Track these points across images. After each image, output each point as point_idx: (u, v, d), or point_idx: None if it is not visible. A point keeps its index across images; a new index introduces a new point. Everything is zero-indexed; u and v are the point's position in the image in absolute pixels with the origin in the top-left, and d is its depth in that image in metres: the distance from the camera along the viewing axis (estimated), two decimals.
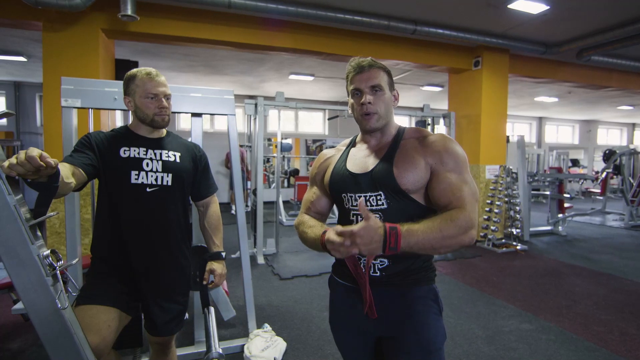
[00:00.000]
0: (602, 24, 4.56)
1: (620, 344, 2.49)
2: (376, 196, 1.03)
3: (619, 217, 7.59)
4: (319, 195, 1.22)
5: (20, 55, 5.76)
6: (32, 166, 0.86)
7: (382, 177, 1.03)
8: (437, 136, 1.07)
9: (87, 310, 1.21)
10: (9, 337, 2.50)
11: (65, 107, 1.97)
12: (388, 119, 1.10)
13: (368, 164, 1.08)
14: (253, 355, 2.20)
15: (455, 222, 0.92)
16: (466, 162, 1.05)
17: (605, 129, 14.68)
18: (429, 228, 0.90)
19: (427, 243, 0.90)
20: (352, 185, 1.08)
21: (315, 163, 1.27)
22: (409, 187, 1.01)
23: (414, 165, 1.02)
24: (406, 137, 1.10)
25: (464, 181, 1.00)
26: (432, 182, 1.02)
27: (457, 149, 1.04)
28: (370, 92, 1.06)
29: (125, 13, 3.44)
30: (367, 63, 1.07)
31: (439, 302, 1.08)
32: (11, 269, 0.89)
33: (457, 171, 1.01)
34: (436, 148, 1.03)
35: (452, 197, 0.98)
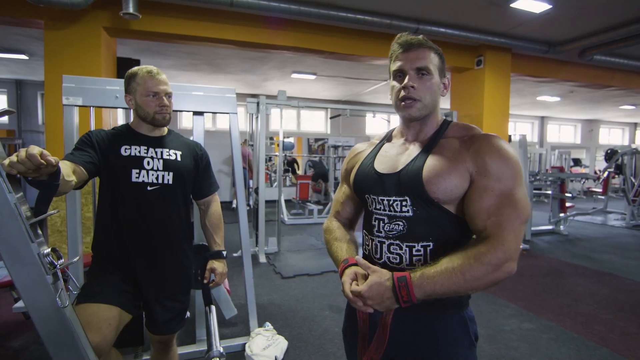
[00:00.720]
0: (605, 23, 4.54)
1: (621, 343, 2.49)
2: (401, 201, 0.90)
3: (620, 217, 7.56)
4: (348, 196, 1.11)
5: (22, 53, 5.76)
6: (32, 164, 0.86)
7: (410, 181, 0.88)
8: (484, 137, 0.87)
9: (88, 309, 1.21)
10: (11, 335, 2.51)
11: (67, 105, 1.97)
12: (432, 109, 0.93)
13: (398, 163, 0.94)
14: (254, 353, 2.20)
15: (482, 261, 0.77)
16: (519, 173, 0.83)
17: (608, 129, 14.63)
18: (448, 272, 0.77)
19: (447, 289, 0.77)
20: (377, 186, 0.95)
21: (346, 158, 1.13)
22: (439, 197, 0.85)
23: (449, 171, 0.85)
24: (449, 134, 0.93)
25: (510, 200, 0.81)
26: (469, 195, 0.84)
27: (508, 154, 0.83)
28: (415, 74, 0.89)
29: (127, 11, 3.44)
30: (416, 41, 0.91)
31: (470, 332, 0.91)
32: (12, 267, 0.89)
33: (503, 185, 0.81)
34: (480, 152, 0.84)
35: (489, 220, 0.80)
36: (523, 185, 0.84)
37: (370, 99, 9.87)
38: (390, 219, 0.91)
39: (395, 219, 0.90)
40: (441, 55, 0.94)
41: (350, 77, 7.43)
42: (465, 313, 0.92)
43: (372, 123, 10.50)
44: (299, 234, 5.83)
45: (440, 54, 0.94)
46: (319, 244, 5.14)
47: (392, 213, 0.91)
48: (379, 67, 6.30)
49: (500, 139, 0.86)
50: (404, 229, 0.89)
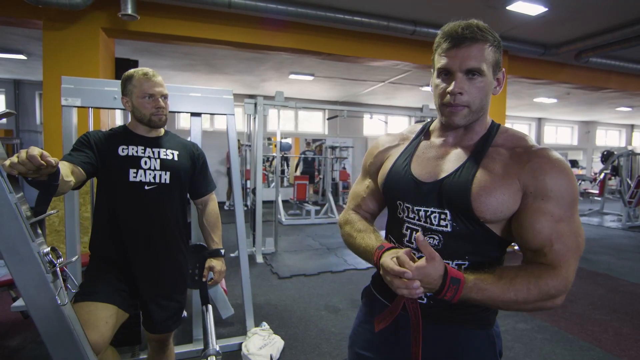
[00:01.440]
0: (601, 26, 4.58)
1: (614, 344, 2.52)
2: (440, 214, 0.81)
3: (616, 218, 7.62)
4: (372, 191, 0.99)
5: (20, 53, 5.76)
6: (33, 165, 0.87)
7: (454, 194, 0.79)
8: (543, 153, 0.77)
9: (86, 307, 1.23)
10: (8, 335, 2.52)
11: (66, 106, 1.98)
12: (481, 113, 0.82)
13: (439, 170, 0.83)
14: (251, 353, 2.21)
15: (541, 288, 0.71)
16: (577, 198, 0.77)
17: (604, 130, 14.71)
18: (502, 289, 0.71)
19: (492, 303, 0.73)
20: (414, 195, 0.84)
21: (372, 150, 1.01)
22: (486, 216, 0.77)
23: (502, 189, 0.76)
24: (498, 142, 0.82)
25: (570, 228, 0.74)
26: (523, 217, 0.76)
27: (568, 174, 0.75)
28: (465, 76, 0.77)
29: (126, 12, 3.45)
30: (469, 33, 0.77)
31: (496, 349, 0.86)
32: (12, 266, 0.91)
33: (562, 209, 0.74)
34: (539, 170, 0.75)
35: (548, 247, 0.74)
36: (578, 210, 0.77)
37: (367, 100, 9.91)
38: (425, 232, 0.83)
39: (430, 232, 0.82)
40: (498, 45, 0.80)
41: (348, 78, 7.46)
42: (492, 330, 0.86)
43: (369, 124, 10.54)
44: (296, 234, 5.84)
45: (497, 44, 0.80)
46: (316, 244, 5.16)
47: (428, 225, 0.83)
48: (377, 69, 6.33)
49: (559, 155, 0.78)
50: (439, 244, 0.82)
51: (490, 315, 0.87)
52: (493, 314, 0.88)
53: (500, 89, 0.84)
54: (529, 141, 0.83)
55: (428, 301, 0.84)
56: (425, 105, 5.36)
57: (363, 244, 0.89)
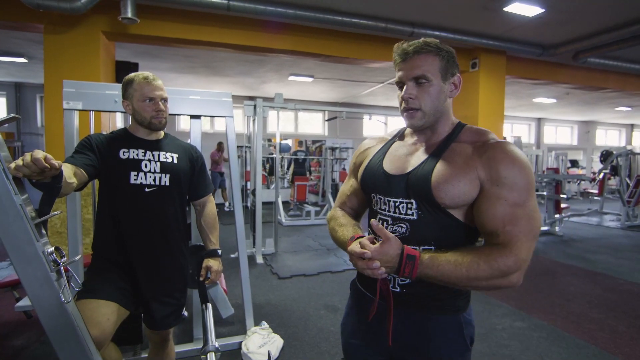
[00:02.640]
0: (598, 26, 4.61)
1: (610, 341, 2.54)
2: (407, 204, 0.89)
3: (615, 218, 7.64)
4: (355, 190, 1.09)
5: (21, 56, 5.81)
6: (37, 168, 0.91)
7: (417, 185, 0.87)
8: (498, 144, 0.85)
9: (88, 304, 1.26)
10: (13, 334, 2.55)
11: (67, 109, 2.02)
12: (437, 115, 0.91)
13: (407, 165, 0.93)
14: (250, 351, 2.25)
15: (491, 264, 0.78)
16: (532, 184, 0.82)
17: (604, 130, 14.73)
18: (455, 265, 0.78)
19: (447, 280, 0.79)
20: (384, 187, 0.94)
21: (355, 152, 1.12)
22: (446, 202, 0.85)
23: (459, 177, 0.84)
24: (462, 139, 0.91)
25: (524, 212, 0.80)
26: (481, 202, 0.83)
27: (522, 162, 0.82)
28: (414, 84, 0.88)
29: (126, 16, 3.49)
30: (412, 48, 0.87)
31: (465, 335, 0.91)
32: (18, 265, 0.94)
33: (515, 195, 0.81)
34: (493, 160, 0.83)
35: (502, 229, 0.80)
36: (534, 196, 0.84)
37: (367, 101, 9.94)
38: (394, 221, 0.91)
39: (399, 221, 0.90)
40: (446, 55, 0.89)
41: (347, 79, 7.50)
42: (462, 316, 0.92)
43: (369, 125, 10.57)
44: (296, 235, 5.88)
45: (445, 55, 0.89)
46: (315, 245, 5.19)
47: (397, 215, 0.91)
48: (376, 70, 6.36)
49: (514, 147, 0.85)
50: (407, 232, 0.89)
51: (459, 302, 0.92)
52: (463, 300, 0.93)
53: (457, 92, 0.93)
54: (489, 135, 0.91)
55: (401, 289, 0.91)
56: None
57: (342, 236, 0.98)
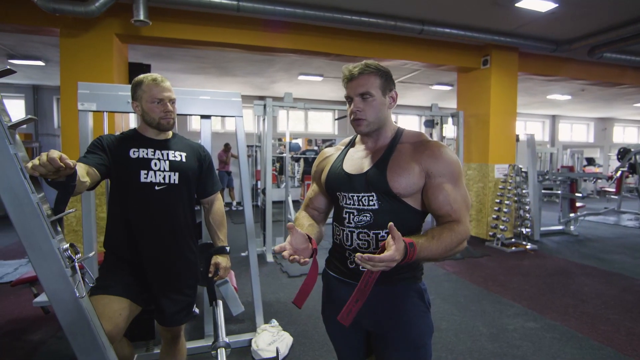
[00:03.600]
0: (613, 20, 4.50)
1: (627, 344, 2.48)
2: (368, 197, 1.08)
3: (634, 217, 7.44)
4: (317, 193, 1.28)
5: (38, 59, 5.98)
6: (53, 167, 0.94)
7: (375, 180, 1.06)
8: (433, 143, 1.08)
9: (101, 300, 1.30)
10: (31, 329, 2.63)
11: (82, 110, 2.07)
12: (380, 123, 1.11)
13: (364, 166, 1.12)
14: (260, 348, 2.27)
15: (457, 236, 0.99)
16: (461, 170, 1.07)
17: (622, 127, 14.35)
18: (437, 244, 0.96)
19: (432, 256, 0.96)
20: (347, 185, 1.12)
21: (316, 161, 1.31)
22: (400, 192, 1.05)
23: (408, 171, 1.05)
24: (403, 140, 1.12)
25: (460, 192, 1.04)
26: (428, 191, 1.05)
27: (452, 157, 1.06)
28: (360, 99, 1.08)
29: (138, 18, 3.56)
30: (357, 70, 1.07)
31: (425, 299, 1.12)
32: (35, 260, 0.98)
33: (453, 181, 1.04)
34: (431, 155, 1.05)
35: (450, 209, 1.02)
36: (463, 181, 1.08)
37: None
38: (359, 212, 1.09)
39: (363, 211, 1.08)
40: (384, 74, 1.09)
41: None
42: (421, 284, 1.13)
43: None
44: None
45: (383, 74, 1.08)
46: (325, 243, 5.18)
47: (361, 207, 1.09)
48: None
49: (445, 146, 1.09)
50: (371, 220, 1.07)
51: (417, 273, 1.12)
52: (419, 272, 1.13)
53: (394, 104, 1.13)
54: (424, 137, 1.13)
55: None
56: (435, 104, 5.33)
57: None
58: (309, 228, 1.18)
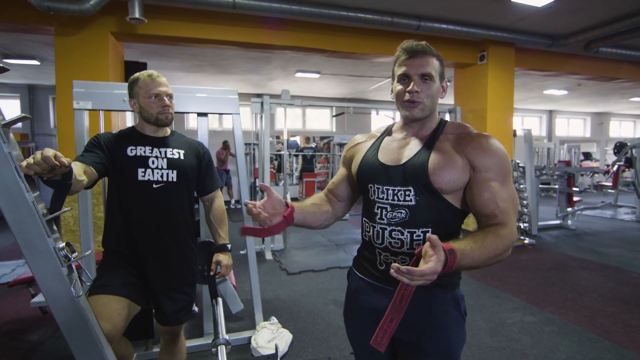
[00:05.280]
0: (609, 15, 4.50)
1: (624, 336, 2.50)
2: (405, 191, 0.97)
3: (630, 211, 7.48)
4: (341, 178, 1.18)
5: (33, 59, 5.93)
6: (47, 165, 0.93)
7: (415, 173, 0.96)
8: (481, 135, 0.98)
9: (99, 300, 1.29)
10: (29, 330, 2.62)
11: (77, 109, 2.06)
12: (431, 111, 1.01)
13: (401, 156, 1.02)
14: (259, 346, 2.27)
15: (503, 242, 0.87)
16: (510, 167, 0.96)
17: (618, 121, 14.39)
18: (480, 251, 0.84)
19: (474, 265, 0.85)
20: (382, 177, 1.02)
21: (347, 146, 1.21)
22: (442, 187, 0.94)
23: (452, 165, 0.94)
24: (447, 131, 1.02)
25: (508, 191, 0.93)
26: (473, 188, 0.94)
27: (501, 149, 0.95)
28: (420, 80, 0.97)
29: (134, 16, 3.53)
30: (421, 48, 0.98)
31: (461, 309, 1.02)
32: (30, 260, 0.97)
33: (500, 178, 0.93)
34: (478, 147, 0.95)
35: (497, 209, 0.91)
36: (511, 178, 0.97)
37: (374, 96, 9.89)
38: (393, 207, 0.98)
39: (398, 207, 0.98)
40: (441, 60, 1.01)
41: (354, 75, 7.46)
42: (457, 292, 1.02)
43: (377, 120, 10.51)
44: (304, 231, 5.88)
45: (441, 60, 1.01)
46: (324, 240, 5.20)
47: (395, 202, 0.98)
48: (382, 65, 6.32)
49: (494, 138, 0.97)
50: (406, 217, 0.97)
51: (455, 279, 1.03)
52: (457, 278, 1.04)
53: (444, 94, 1.04)
54: (470, 128, 1.03)
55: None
56: None
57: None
58: (309, 206, 1.10)
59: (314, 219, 1.10)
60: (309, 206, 1.11)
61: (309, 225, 1.10)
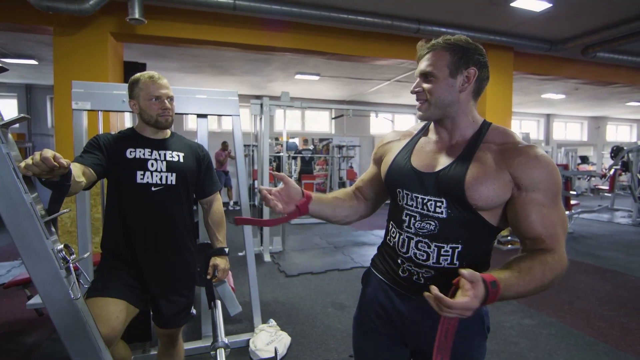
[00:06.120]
0: (607, 20, 4.53)
1: (621, 339, 2.51)
2: (436, 202, 0.90)
3: (627, 214, 7.51)
4: (369, 178, 1.13)
5: (31, 58, 5.90)
6: (46, 166, 0.92)
7: (450, 184, 0.88)
8: (529, 149, 0.86)
9: (97, 302, 1.28)
10: (25, 332, 2.60)
11: (76, 109, 2.05)
12: (446, 110, 0.92)
13: (436, 163, 0.93)
14: (258, 348, 2.26)
15: (552, 271, 0.80)
16: (560, 185, 0.86)
17: (615, 126, 14.47)
18: (526, 282, 0.78)
19: (518, 296, 0.80)
20: (413, 183, 0.94)
21: (379, 143, 1.14)
22: (478, 203, 0.85)
23: (492, 180, 0.85)
24: (489, 139, 0.91)
25: (558, 213, 0.84)
26: (518, 208, 0.85)
27: (551, 166, 0.85)
28: (422, 80, 0.93)
29: (133, 17, 3.52)
30: (425, 48, 0.94)
31: (485, 325, 0.96)
32: (28, 262, 0.96)
33: (550, 197, 0.84)
34: (525, 163, 0.84)
35: (545, 233, 0.83)
36: (561, 199, 0.88)
37: (374, 99, 9.90)
38: (423, 217, 0.92)
39: (427, 217, 0.91)
40: (458, 49, 0.89)
41: (354, 77, 7.47)
42: (482, 309, 0.94)
43: (376, 122, 10.53)
44: (303, 233, 5.89)
45: (456, 49, 0.89)
46: (323, 243, 5.19)
47: (425, 212, 0.92)
48: (382, 67, 6.33)
49: (544, 152, 0.87)
50: (435, 229, 0.90)
51: None
52: None
53: (469, 85, 0.91)
54: (517, 138, 0.91)
55: (425, 282, 0.91)
56: None
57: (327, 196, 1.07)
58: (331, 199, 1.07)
59: (333, 214, 1.06)
60: (330, 199, 1.07)
61: (327, 218, 1.07)
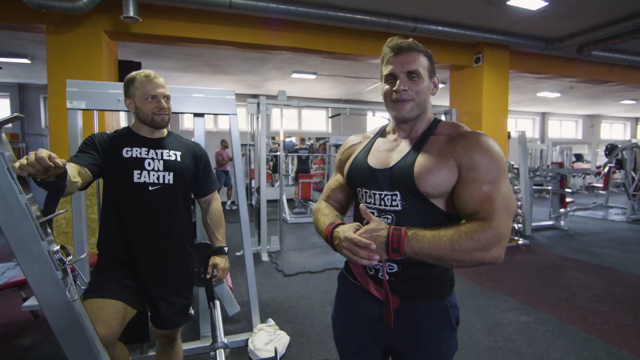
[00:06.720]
0: (602, 19, 4.56)
1: (616, 335, 2.53)
2: (392, 196, 0.94)
3: (621, 212, 7.58)
4: (339, 184, 1.14)
5: (24, 57, 5.84)
6: (41, 166, 0.91)
7: (401, 177, 0.92)
8: (472, 134, 0.92)
9: (95, 303, 1.26)
10: (20, 334, 2.58)
11: (71, 109, 2.02)
12: (423, 109, 0.97)
13: (390, 159, 0.98)
14: (257, 348, 2.25)
15: (472, 236, 0.81)
16: (503, 165, 0.89)
17: (609, 124, 14.60)
18: (438, 237, 0.83)
19: (433, 252, 0.82)
20: (370, 181, 0.98)
21: (341, 149, 1.17)
22: (428, 191, 0.89)
23: (439, 167, 0.89)
24: (438, 132, 0.97)
25: (498, 190, 0.86)
26: (459, 187, 0.89)
27: (492, 147, 0.89)
28: (407, 77, 0.94)
29: (128, 15, 3.49)
30: (406, 45, 0.95)
31: (451, 318, 0.98)
32: (24, 263, 0.95)
33: (490, 177, 0.87)
34: (467, 147, 0.89)
35: (480, 207, 0.85)
36: (507, 179, 0.90)
37: (371, 98, 9.91)
38: (380, 212, 0.95)
39: (384, 212, 0.95)
40: (430, 57, 0.98)
41: (351, 76, 7.47)
42: (447, 301, 0.98)
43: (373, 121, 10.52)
44: (301, 232, 5.88)
45: (430, 56, 0.98)
46: (320, 242, 5.19)
47: (382, 207, 0.95)
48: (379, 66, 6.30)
49: (487, 136, 0.91)
50: (393, 222, 0.93)
51: (444, 289, 0.98)
52: (447, 287, 0.99)
53: (436, 90, 1.00)
54: (463, 127, 0.97)
55: (390, 277, 0.95)
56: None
57: (322, 224, 1.03)
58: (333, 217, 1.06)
59: None
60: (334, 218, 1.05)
61: None
